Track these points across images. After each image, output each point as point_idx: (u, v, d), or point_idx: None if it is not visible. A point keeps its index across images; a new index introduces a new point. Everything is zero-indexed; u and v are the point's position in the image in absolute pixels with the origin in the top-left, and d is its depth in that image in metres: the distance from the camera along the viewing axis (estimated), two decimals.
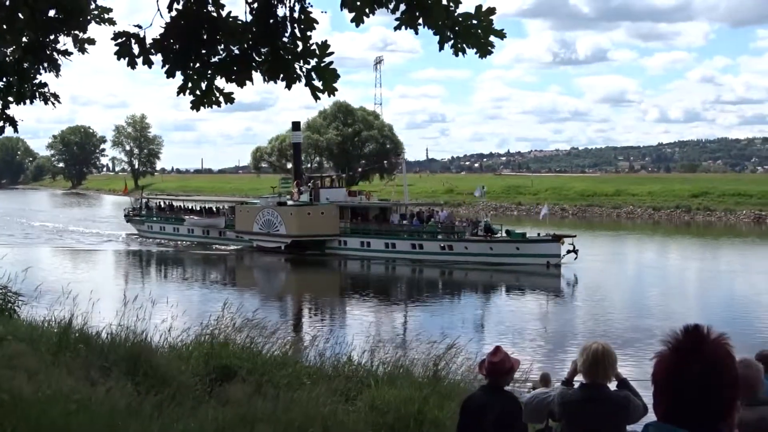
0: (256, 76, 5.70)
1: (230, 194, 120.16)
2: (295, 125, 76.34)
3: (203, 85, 5.81)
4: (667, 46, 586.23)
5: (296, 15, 5.53)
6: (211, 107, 5.79)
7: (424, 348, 16.73)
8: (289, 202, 64.41)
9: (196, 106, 5.84)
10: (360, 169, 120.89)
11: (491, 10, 5.43)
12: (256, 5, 5.57)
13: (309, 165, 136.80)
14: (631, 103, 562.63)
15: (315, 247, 60.25)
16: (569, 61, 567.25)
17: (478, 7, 5.40)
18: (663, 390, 2.91)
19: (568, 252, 49.88)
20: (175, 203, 79.73)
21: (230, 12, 5.63)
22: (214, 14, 5.65)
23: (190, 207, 77.26)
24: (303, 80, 5.65)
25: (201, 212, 73.93)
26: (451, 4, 5.37)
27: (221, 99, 5.89)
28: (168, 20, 5.63)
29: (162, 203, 79.28)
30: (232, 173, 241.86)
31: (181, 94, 5.79)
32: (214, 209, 73.23)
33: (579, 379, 6.72)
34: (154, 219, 75.90)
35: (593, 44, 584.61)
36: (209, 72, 5.76)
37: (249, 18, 5.62)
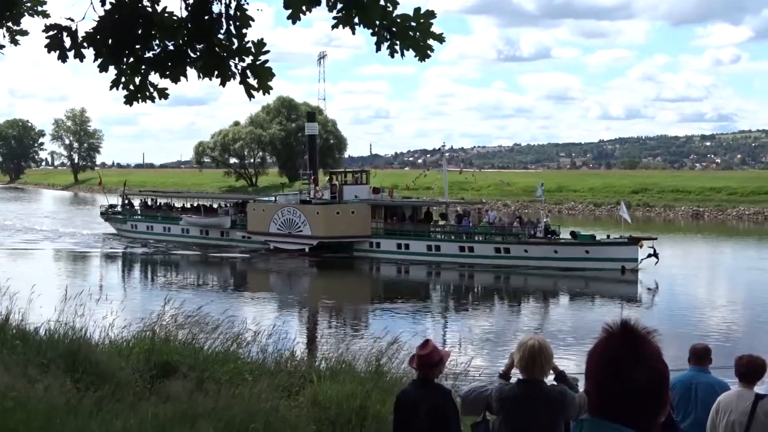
0: (191, 72, 5.67)
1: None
2: (310, 116, 69.95)
3: (137, 80, 5.74)
4: (608, 43, 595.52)
5: (232, 12, 5.51)
6: (145, 102, 5.75)
7: (367, 343, 16.75)
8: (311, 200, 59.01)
9: (129, 100, 5.78)
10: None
11: (430, 13, 5.45)
12: (191, 1, 5.53)
13: (252, 160, 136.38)
14: (573, 100, 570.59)
15: (341, 249, 55.19)
16: (513, 58, 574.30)
17: (417, 9, 5.43)
18: (599, 385, 2.90)
19: (649, 256, 45.40)
20: (161, 200, 72.93)
21: (165, 7, 5.60)
22: (149, 9, 5.60)
23: (181, 205, 70.68)
24: (238, 78, 5.61)
25: (198, 210, 67.21)
26: (389, 4, 5.39)
27: (155, 94, 5.84)
28: (101, 14, 5.56)
29: (149, 200, 72.72)
30: (174, 168, 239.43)
31: (115, 89, 5.73)
32: (212, 207, 67.31)
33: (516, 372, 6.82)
34: (139, 217, 69.38)
35: (537, 41, 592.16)
36: (143, 67, 5.69)
37: (184, 14, 5.57)
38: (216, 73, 5.57)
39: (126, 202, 72.42)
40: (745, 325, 33.29)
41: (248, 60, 5.58)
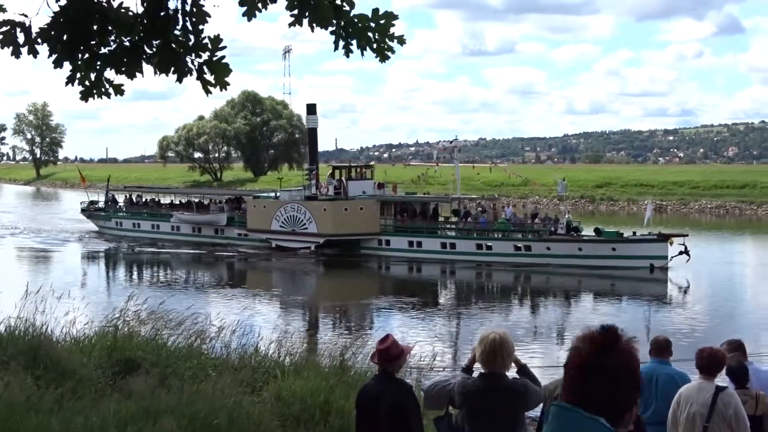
0: (147, 68, 5.62)
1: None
2: (311, 108, 63.20)
3: (92, 76, 5.68)
4: (574, 38, 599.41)
5: (188, 8, 5.48)
6: (101, 98, 5.69)
7: (332, 338, 16.76)
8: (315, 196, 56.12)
9: (84, 97, 5.73)
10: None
11: (390, 15, 5.48)
12: None
13: (216, 154, 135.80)
14: (538, 95, 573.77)
15: (347, 247, 52.92)
16: (478, 53, 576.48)
17: (375, 10, 5.47)
18: (574, 379, 3.10)
19: (680, 253, 43.79)
20: (145, 196, 70.19)
21: (121, 3, 5.53)
22: (104, 4, 5.55)
23: (169, 201, 68.23)
24: (194, 74, 5.58)
25: (189, 206, 64.35)
26: (345, 4, 5.41)
27: (111, 90, 5.78)
28: (56, 9, 5.49)
29: (135, 196, 69.93)
30: (137, 162, 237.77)
31: (70, 85, 5.66)
32: (202, 203, 64.76)
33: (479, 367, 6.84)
34: (124, 214, 66.72)
35: (502, 36, 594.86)
36: (98, 63, 5.63)
37: (140, 9, 5.53)
38: (172, 69, 5.55)
39: (110, 198, 69.53)
40: None
41: (205, 56, 5.56)
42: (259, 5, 5.33)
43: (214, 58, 5.56)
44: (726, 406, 7.89)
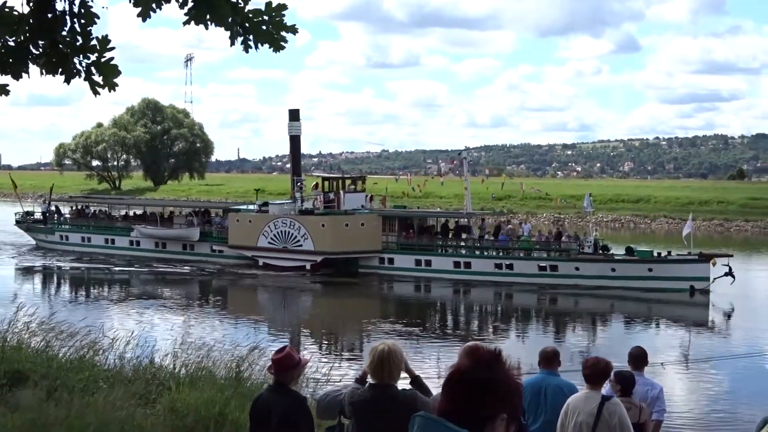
0: (34, 69, 5.52)
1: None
2: (293, 114, 57.13)
3: None
4: (476, 53, 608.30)
5: (76, 9, 5.41)
6: None
7: (228, 350, 16.60)
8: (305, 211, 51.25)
9: None
10: None
11: (282, 6, 5.56)
12: None
13: (115, 162, 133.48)
14: (440, 108, 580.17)
15: (344, 266, 48.64)
16: (382, 65, 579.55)
17: (268, 4, 5.53)
18: (449, 391, 3.14)
19: (725, 275, 40.56)
20: (92, 207, 64.19)
21: (6, 2, 5.44)
22: None
23: (124, 213, 62.51)
24: (83, 75, 5.50)
25: (148, 219, 57.93)
26: (240, 1, 5.45)
27: None
28: None
29: (81, 207, 63.50)
30: (33, 170, 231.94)
31: None
32: (163, 215, 58.04)
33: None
34: (69, 227, 60.04)
35: (406, 49, 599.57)
36: None
37: (26, 9, 5.43)
38: (60, 70, 5.46)
39: (53, 209, 62.79)
40: None
41: (93, 57, 5.49)
42: (154, 5, 5.31)
43: (103, 59, 5.50)
44: (611, 415, 8.11)
